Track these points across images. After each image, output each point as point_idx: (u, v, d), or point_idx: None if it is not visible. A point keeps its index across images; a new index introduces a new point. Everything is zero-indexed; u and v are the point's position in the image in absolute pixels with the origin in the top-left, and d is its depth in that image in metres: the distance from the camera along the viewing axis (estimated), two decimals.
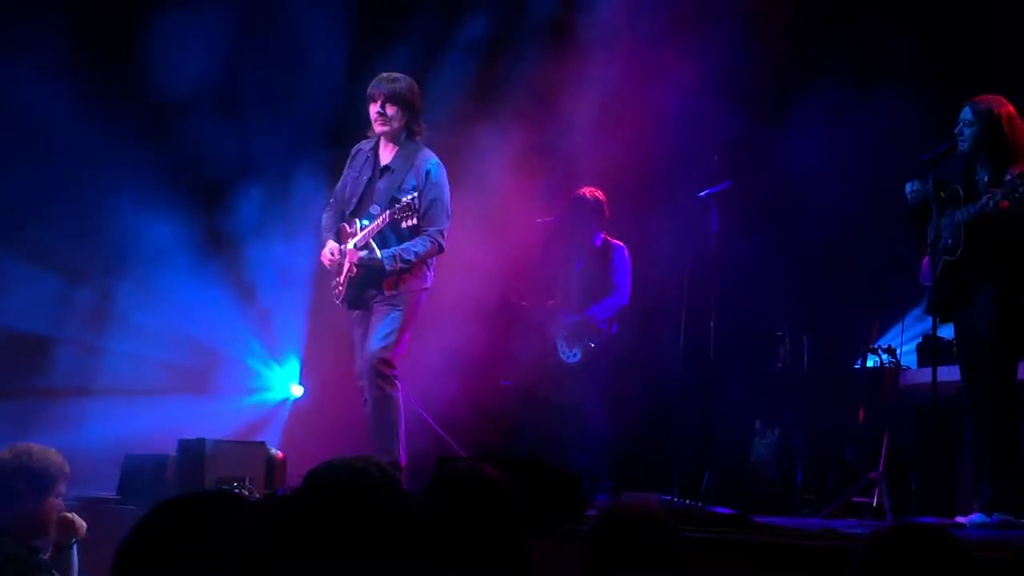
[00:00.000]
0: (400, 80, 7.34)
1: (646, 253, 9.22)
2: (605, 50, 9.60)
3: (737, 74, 9.18)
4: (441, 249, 7.34)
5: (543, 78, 9.70)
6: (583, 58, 9.60)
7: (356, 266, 7.26)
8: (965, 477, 7.45)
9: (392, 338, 7.20)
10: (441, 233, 7.30)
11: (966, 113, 6.51)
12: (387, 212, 7.15)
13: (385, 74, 7.40)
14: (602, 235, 9.11)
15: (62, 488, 4.91)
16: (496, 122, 9.50)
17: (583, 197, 9.09)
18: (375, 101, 7.33)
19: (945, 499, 7.77)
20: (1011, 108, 6.47)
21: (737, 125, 9.26)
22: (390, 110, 7.31)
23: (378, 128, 7.39)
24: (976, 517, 6.27)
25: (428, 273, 7.38)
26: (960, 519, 6.37)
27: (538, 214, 9.36)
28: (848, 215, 9.12)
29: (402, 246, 7.22)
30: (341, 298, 7.45)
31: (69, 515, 5.02)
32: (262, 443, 7.55)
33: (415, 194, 7.12)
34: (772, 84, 9.36)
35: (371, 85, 7.38)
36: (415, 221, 7.14)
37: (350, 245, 7.29)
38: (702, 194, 8.38)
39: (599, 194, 9.10)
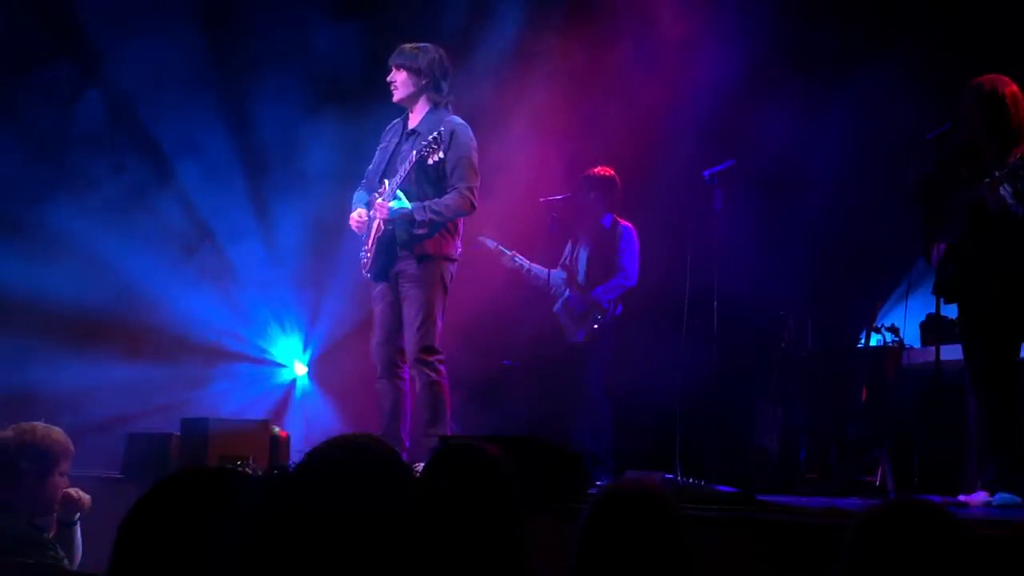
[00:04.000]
0: (415, 49, 7.30)
1: (649, 232, 9.20)
2: (612, 28, 9.60)
3: (740, 53, 9.17)
4: (473, 207, 7.21)
5: (550, 57, 9.70)
6: (588, 39, 9.59)
7: (385, 221, 7.14)
8: (968, 456, 7.45)
9: (427, 324, 7.09)
10: (471, 190, 7.18)
11: (970, 93, 6.48)
12: (413, 153, 7.05)
13: (405, 44, 7.38)
14: (611, 216, 9.08)
15: (66, 466, 4.92)
16: (505, 100, 9.50)
17: (594, 176, 9.05)
18: (389, 71, 7.34)
19: (948, 478, 7.77)
20: (1015, 88, 6.44)
21: (740, 104, 9.26)
22: (397, 77, 7.29)
23: (394, 96, 7.37)
24: (979, 495, 6.28)
25: (455, 241, 7.26)
26: (963, 497, 6.38)
27: (544, 193, 9.34)
28: (851, 194, 9.12)
29: (432, 199, 7.13)
30: (368, 267, 7.32)
31: (73, 490, 5.05)
32: (265, 421, 7.55)
33: (441, 128, 7.05)
34: (774, 62, 9.33)
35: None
36: (441, 155, 7.04)
37: (379, 201, 7.19)
38: (705, 173, 8.35)
39: (611, 173, 9.06)
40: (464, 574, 3.05)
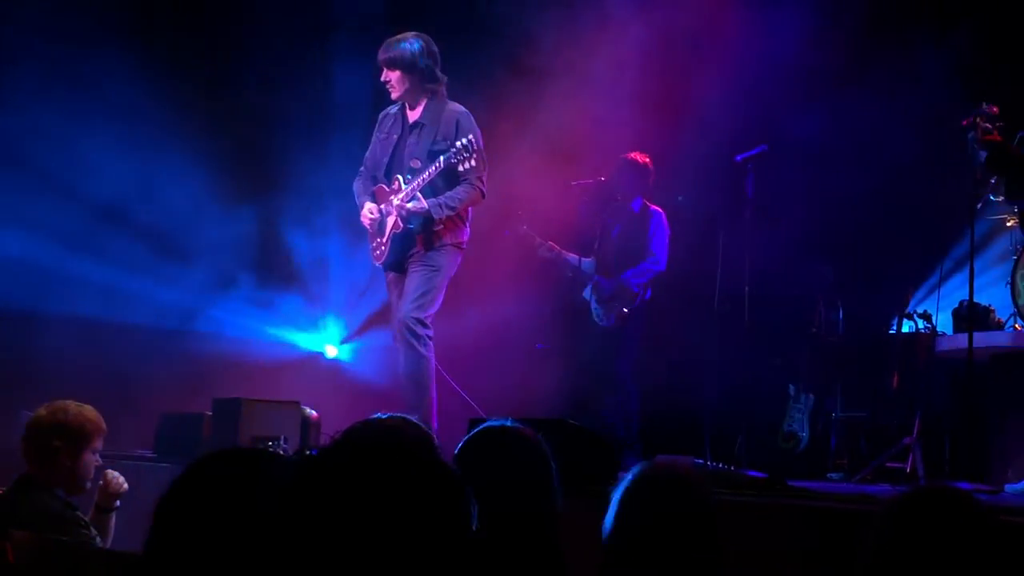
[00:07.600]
0: (399, 43, 7.38)
1: (681, 217, 9.19)
2: (644, 13, 9.56)
3: (774, 36, 9.13)
4: (483, 195, 7.38)
5: (583, 41, 9.67)
6: (624, 21, 9.56)
7: (403, 220, 7.29)
8: (999, 444, 7.42)
9: (427, 298, 7.25)
10: (481, 179, 7.33)
11: None
12: (440, 159, 7.15)
13: (390, 38, 7.46)
14: (641, 200, 9.07)
15: (98, 445, 4.96)
16: (534, 84, 9.48)
17: (630, 161, 9.04)
18: (381, 70, 7.43)
19: (979, 465, 7.75)
20: None
21: (772, 89, 9.22)
22: (391, 76, 7.40)
23: (392, 95, 7.48)
24: (1021, 485, 6.23)
25: (464, 228, 7.40)
26: (1009, 486, 6.31)
27: (574, 177, 9.33)
28: (885, 179, 9.07)
29: (446, 194, 7.26)
30: (383, 259, 7.49)
31: (113, 479, 5.11)
32: (296, 402, 7.58)
33: (470, 136, 7.12)
34: (808, 45, 9.28)
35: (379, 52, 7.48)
36: (473, 163, 7.11)
37: (395, 200, 7.32)
38: (738, 158, 8.34)
39: (646, 159, 9.05)
40: (498, 556, 3.06)
